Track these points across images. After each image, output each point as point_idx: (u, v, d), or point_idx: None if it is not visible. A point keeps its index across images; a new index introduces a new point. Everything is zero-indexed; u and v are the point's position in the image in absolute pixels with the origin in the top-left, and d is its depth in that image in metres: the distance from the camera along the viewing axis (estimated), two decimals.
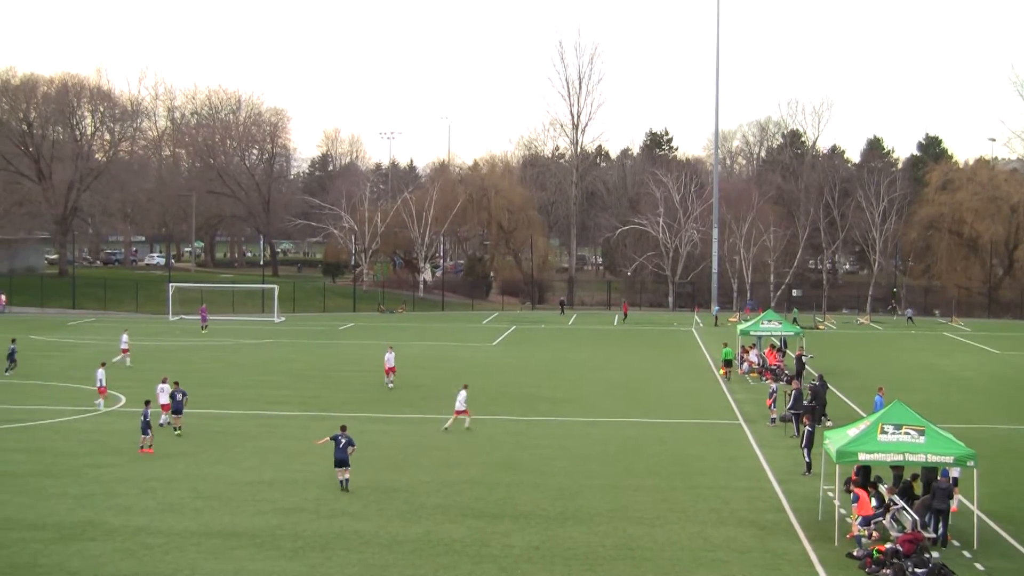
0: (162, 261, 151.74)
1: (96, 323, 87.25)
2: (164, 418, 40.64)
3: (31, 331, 74.69)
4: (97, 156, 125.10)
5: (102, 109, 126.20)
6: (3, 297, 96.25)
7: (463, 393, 41.80)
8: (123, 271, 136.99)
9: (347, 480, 31.20)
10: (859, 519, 26.70)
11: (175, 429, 39.52)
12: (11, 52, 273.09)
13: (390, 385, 52.13)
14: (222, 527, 27.80)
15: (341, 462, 31.24)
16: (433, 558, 25.47)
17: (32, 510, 29.21)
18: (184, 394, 40.51)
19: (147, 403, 37.70)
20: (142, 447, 36.84)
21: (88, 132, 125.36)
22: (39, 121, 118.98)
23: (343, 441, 31.32)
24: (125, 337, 61.30)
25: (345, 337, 79.16)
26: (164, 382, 41.74)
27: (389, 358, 52.94)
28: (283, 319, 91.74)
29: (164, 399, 40.60)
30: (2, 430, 40.73)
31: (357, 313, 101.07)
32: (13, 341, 58.27)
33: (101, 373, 46.28)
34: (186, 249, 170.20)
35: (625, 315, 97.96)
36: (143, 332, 65.02)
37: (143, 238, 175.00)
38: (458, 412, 41.43)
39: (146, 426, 36.94)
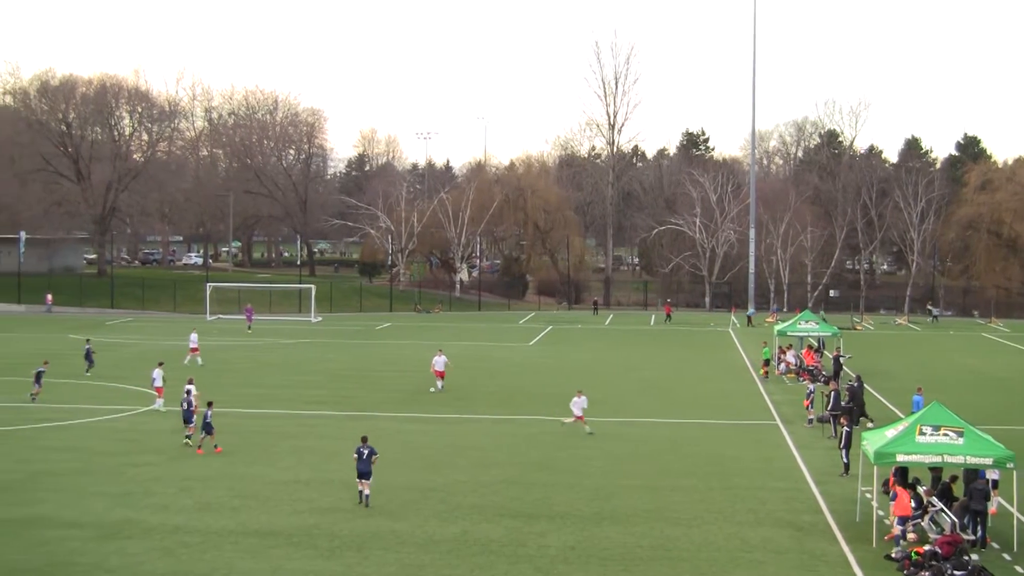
0: (200, 261, 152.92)
1: (134, 323, 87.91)
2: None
3: (71, 330, 75.25)
4: (135, 156, 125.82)
5: (140, 110, 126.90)
6: (49, 296, 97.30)
7: (581, 399, 41.45)
8: (161, 271, 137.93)
9: (368, 496, 29.93)
10: (896, 519, 26.51)
11: (187, 436, 38.23)
12: (50, 53, 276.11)
13: (433, 389, 50.97)
14: (259, 526, 27.93)
15: (364, 474, 30.10)
16: (469, 558, 25.48)
17: (70, 508, 29.45)
18: (192, 404, 39.00)
19: (210, 404, 37.70)
20: (215, 446, 36.92)
21: (126, 132, 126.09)
22: (78, 122, 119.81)
23: (365, 452, 30.28)
24: (195, 336, 61.38)
25: (382, 337, 79.35)
26: (190, 383, 41.15)
27: (438, 361, 51.62)
28: (320, 319, 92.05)
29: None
30: (41, 428, 41.13)
31: (394, 313, 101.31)
32: (88, 341, 58.65)
33: (158, 373, 45.69)
34: (223, 249, 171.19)
35: (668, 316, 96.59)
36: (182, 332, 65.27)
37: (181, 238, 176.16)
38: (578, 417, 41.18)
39: (208, 426, 36.95)
